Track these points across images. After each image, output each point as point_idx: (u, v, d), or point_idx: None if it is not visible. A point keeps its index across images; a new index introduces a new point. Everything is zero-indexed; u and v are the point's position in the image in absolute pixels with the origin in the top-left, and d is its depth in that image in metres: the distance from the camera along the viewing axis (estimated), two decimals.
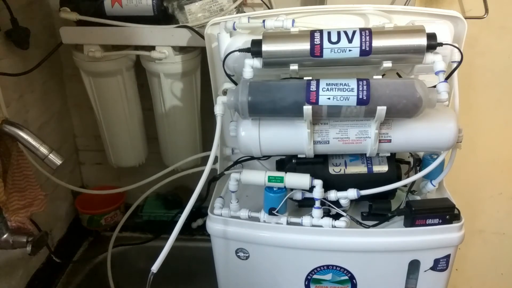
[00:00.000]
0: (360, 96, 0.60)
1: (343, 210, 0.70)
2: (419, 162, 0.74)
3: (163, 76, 0.93)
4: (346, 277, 0.73)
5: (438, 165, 0.70)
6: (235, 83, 0.71)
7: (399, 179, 0.70)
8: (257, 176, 0.68)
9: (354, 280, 0.73)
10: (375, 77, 0.63)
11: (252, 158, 0.78)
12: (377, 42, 0.62)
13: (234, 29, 0.70)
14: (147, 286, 0.59)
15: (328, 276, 0.73)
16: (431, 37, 0.62)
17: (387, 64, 0.64)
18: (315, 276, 0.73)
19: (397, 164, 0.72)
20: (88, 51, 0.89)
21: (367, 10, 0.71)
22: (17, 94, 0.92)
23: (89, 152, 1.19)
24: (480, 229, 1.20)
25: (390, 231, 0.70)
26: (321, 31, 0.63)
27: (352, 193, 0.68)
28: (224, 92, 0.69)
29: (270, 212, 0.69)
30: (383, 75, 0.68)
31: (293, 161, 0.71)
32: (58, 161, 0.71)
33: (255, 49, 0.65)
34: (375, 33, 0.63)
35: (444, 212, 0.68)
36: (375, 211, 0.72)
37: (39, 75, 0.97)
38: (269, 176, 0.67)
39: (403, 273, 0.72)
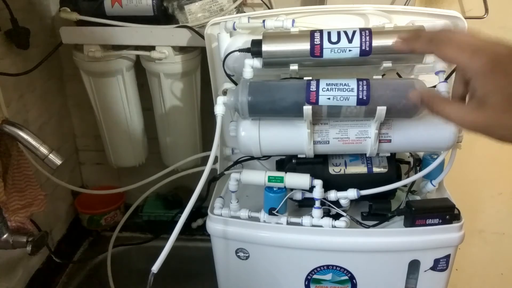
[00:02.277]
0: (360, 96, 0.60)
1: (343, 210, 0.70)
2: (419, 162, 0.74)
3: (163, 76, 0.93)
4: (346, 277, 0.73)
5: (438, 165, 0.70)
6: (235, 83, 0.71)
7: (399, 179, 0.70)
8: (257, 176, 0.68)
9: (354, 280, 0.73)
10: (375, 77, 0.63)
11: (252, 158, 0.78)
12: (377, 42, 0.62)
13: (234, 29, 0.70)
14: (147, 286, 0.59)
15: (328, 276, 0.73)
16: None
17: (387, 64, 0.64)
18: (315, 276, 0.73)
19: (397, 164, 0.72)
20: (88, 51, 0.89)
21: (367, 10, 0.71)
22: (17, 94, 0.91)
23: (89, 152, 1.19)
24: (480, 229, 1.20)
25: (390, 231, 0.70)
26: (321, 31, 0.63)
27: (352, 193, 0.68)
28: (224, 92, 0.69)
29: (270, 212, 0.69)
30: (383, 75, 0.68)
31: (293, 161, 0.71)
32: (58, 161, 0.71)
33: (255, 49, 0.65)
34: (375, 33, 0.63)
35: (444, 212, 0.68)
36: (375, 211, 0.72)
37: (39, 75, 0.97)
38: (269, 176, 0.67)
39: (403, 273, 0.72)
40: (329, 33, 0.63)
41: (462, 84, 0.46)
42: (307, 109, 0.61)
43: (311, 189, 0.68)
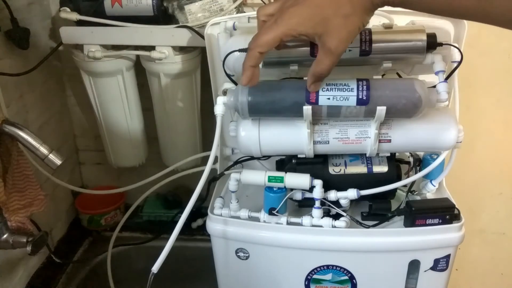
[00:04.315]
0: (360, 96, 0.60)
1: (343, 210, 0.70)
2: (419, 162, 0.74)
3: (163, 76, 0.93)
4: (346, 277, 0.73)
5: (438, 165, 0.70)
6: (235, 83, 0.71)
7: (399, 179, 0.70)
8: (257, 176, 0.68)
9: (354, 280, 0.73)
10: (375, 77, 0.63)
11: (252, 158, 0.78)
12: (377, 42, 0.62)
13: (234, 29, 0.70)
14: (147, 286, 0.59)
15: (328, 276, 0.73)
16: (431, 37, 0.62)
17: (387, 64, 0.64)
18: (315, 276, 0.73)
19: (397, 164, 0.72)
20: (88, 51, 0.89)
21: None
22: (17, 94, 0.92)
23: (89, 152, 1.19)
24: (480, 229, 1.20)
25: (390, 231, 0.70)
26: None
27: (352, 193, 0.68)
28: (224, 92, 0.69)
29: (270, 212, 0.69)
30: (383, 75, 0.68)
31: (293, 161, 0.71)
32: (58, 161, 0.71)
33: None
34: (375, 33, 0.63)
35: (444, 212, 0.68)
36: (375, 211, 0.72)
37: (39, 75, 0.97)
38: (269, 176, 0.67)
39: (403, 273, 0.72)
40: None
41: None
42: (307, 109, 0.61)
43: (311, 189, 0.68)
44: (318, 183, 0.67)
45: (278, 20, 0.50)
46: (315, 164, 0.70)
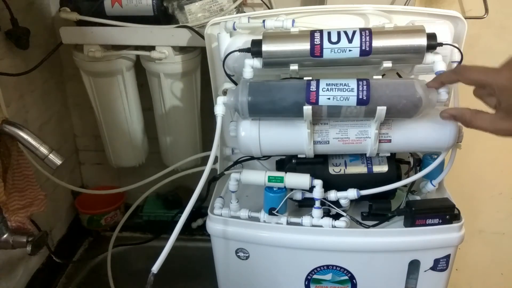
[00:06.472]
0: (360, 96, 0.60)
1: (343, 210, 0.70)
2: (419, 162, 0.74)
3: (163, 76, 0.93)
4: (346, 277, 0.73)
5: (438, 165, 0.70)
6: (235, 83, 0.71)
7: (399, 179, 0.70)
8: (257, 176, 0.68)
9: (354, 280, 0.73)
10: (375, 77, 0.63)
11: (252, 158, 0.78)
12: (377, 42, 0.62)
13: (234, 29, 0.70)
14: (147, 286, 0.59)
15: (328, 276, 0.73)
16: (431, 37, 0.62)
17: (387, 64, 0.64)
18: (315, 276, 0.73)
19: (397, 164, 0.72)
20: (88, 51, 0.89)
21: (367, 10, 0.71)
22: (17, 94, 0.92)
23: (89, 152, 1.19)
24: (480, 229, 1.20)
25: (390, 231, 0.70)
26: (321, 31, 0.63)
27: (352, 193, 0.68)
28: (224, 92, 0.69)
29: (270, 212, 0.69)
30: (383, 75, 0.68)
31: (293, 161, 0.71)
32: (58, 161, 0.71)
33: (255, 49, 0.65)
34: (375, 33, 0.63)
35: (444, 212, 0.68)
36: (375, 211, 0.72)
37: (39, 75, 0.97)
38: (269, 176, 0.67)
39: (403, 273, 0.72)
40: (329, 33, 0.63)
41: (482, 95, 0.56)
42: (307, 109, 0.61)
43: (311, 189, 0.68)
44: (318, 183, 0.67)
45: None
46: (315, 164, 0.70)
